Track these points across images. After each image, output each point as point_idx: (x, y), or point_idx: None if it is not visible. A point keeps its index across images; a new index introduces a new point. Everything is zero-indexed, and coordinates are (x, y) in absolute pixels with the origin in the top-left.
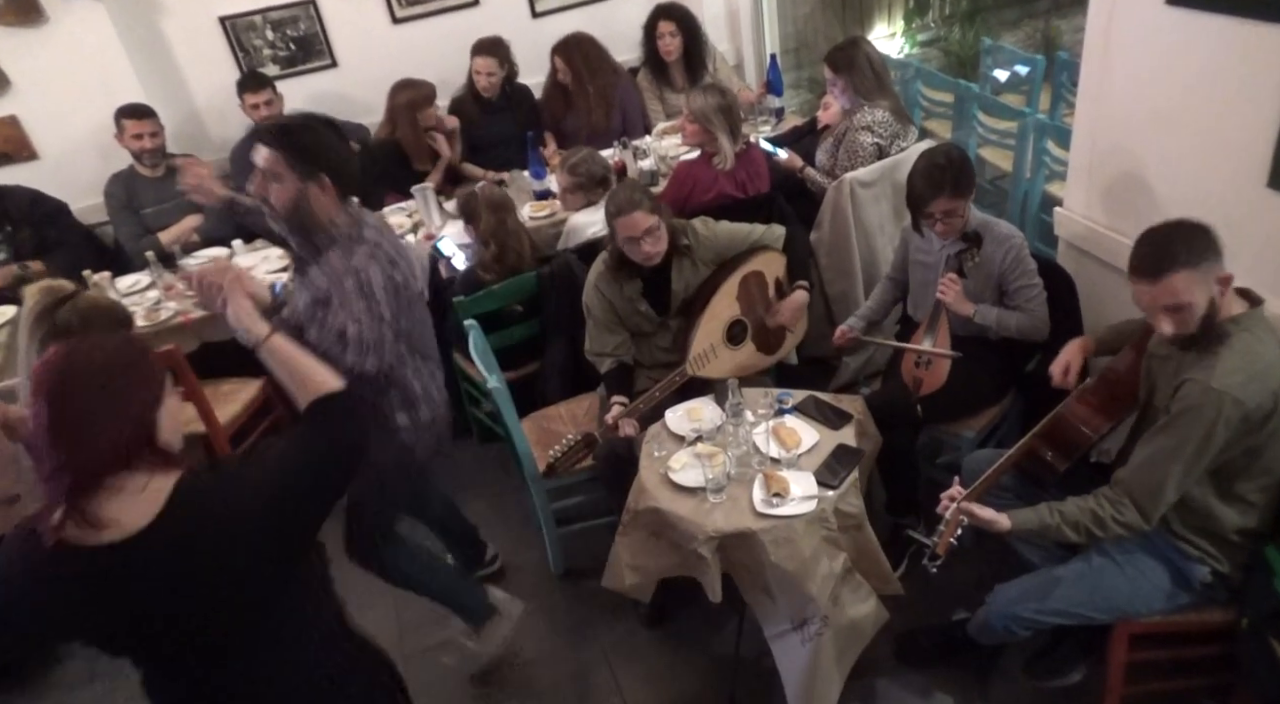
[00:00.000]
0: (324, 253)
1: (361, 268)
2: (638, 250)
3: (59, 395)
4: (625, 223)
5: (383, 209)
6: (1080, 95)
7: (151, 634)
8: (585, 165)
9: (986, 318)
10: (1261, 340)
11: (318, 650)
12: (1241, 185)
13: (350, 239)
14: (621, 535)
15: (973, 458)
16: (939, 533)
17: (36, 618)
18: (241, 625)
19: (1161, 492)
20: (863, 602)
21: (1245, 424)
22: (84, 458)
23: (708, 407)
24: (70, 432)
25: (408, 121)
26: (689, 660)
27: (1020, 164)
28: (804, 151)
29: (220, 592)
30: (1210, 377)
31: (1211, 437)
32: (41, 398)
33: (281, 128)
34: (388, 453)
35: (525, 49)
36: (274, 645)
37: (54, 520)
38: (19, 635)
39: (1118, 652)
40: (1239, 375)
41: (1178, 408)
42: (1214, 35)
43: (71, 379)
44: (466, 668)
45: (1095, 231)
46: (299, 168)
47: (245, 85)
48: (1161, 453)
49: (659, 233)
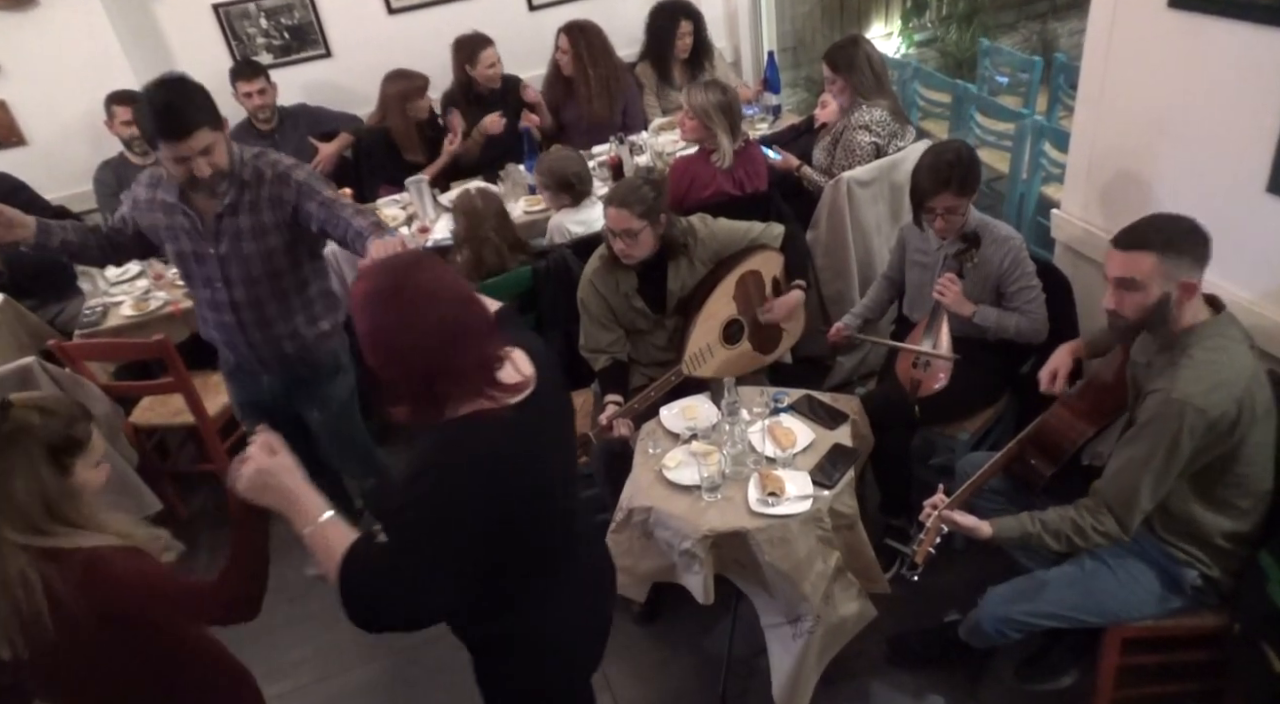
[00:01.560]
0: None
1: None
2: (613, 242)
3: (451, 309)
4: (609, 213)
5: (376, 201)
6: (1080, 98)
7: (550, 494)
8: (556, 165)
9: (986, 319)
10: (1225, 348)
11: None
12: (1241, 190)
13: None
14: (614, 533)
15: (967, 460)
16: (918, 541)
17: (529, 471)
18: (576, 495)
19: (1135, 501)
20: (852, 600)
21: (1212, 432)
22: (487, 341)
23: (703, 405)
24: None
25: (398, 112)
26: (680, 658)
27: (1017, 166)
28: (801, 150)
29: (570, 451)
30: (1172, 387)
31: (1178, 446)
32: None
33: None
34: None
35: (523, 41)
36: (591, 542)
37: (494, 396)
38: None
39: (1109, 655)
40: (1201, 385)
41: (1143, 418)
42: (1216, 39)
43: (437, 300)
44: (456, 665)
45: (1093, 234)
46: None
47: (238, 73)
48: (1132, 464)
49: (640, 238)
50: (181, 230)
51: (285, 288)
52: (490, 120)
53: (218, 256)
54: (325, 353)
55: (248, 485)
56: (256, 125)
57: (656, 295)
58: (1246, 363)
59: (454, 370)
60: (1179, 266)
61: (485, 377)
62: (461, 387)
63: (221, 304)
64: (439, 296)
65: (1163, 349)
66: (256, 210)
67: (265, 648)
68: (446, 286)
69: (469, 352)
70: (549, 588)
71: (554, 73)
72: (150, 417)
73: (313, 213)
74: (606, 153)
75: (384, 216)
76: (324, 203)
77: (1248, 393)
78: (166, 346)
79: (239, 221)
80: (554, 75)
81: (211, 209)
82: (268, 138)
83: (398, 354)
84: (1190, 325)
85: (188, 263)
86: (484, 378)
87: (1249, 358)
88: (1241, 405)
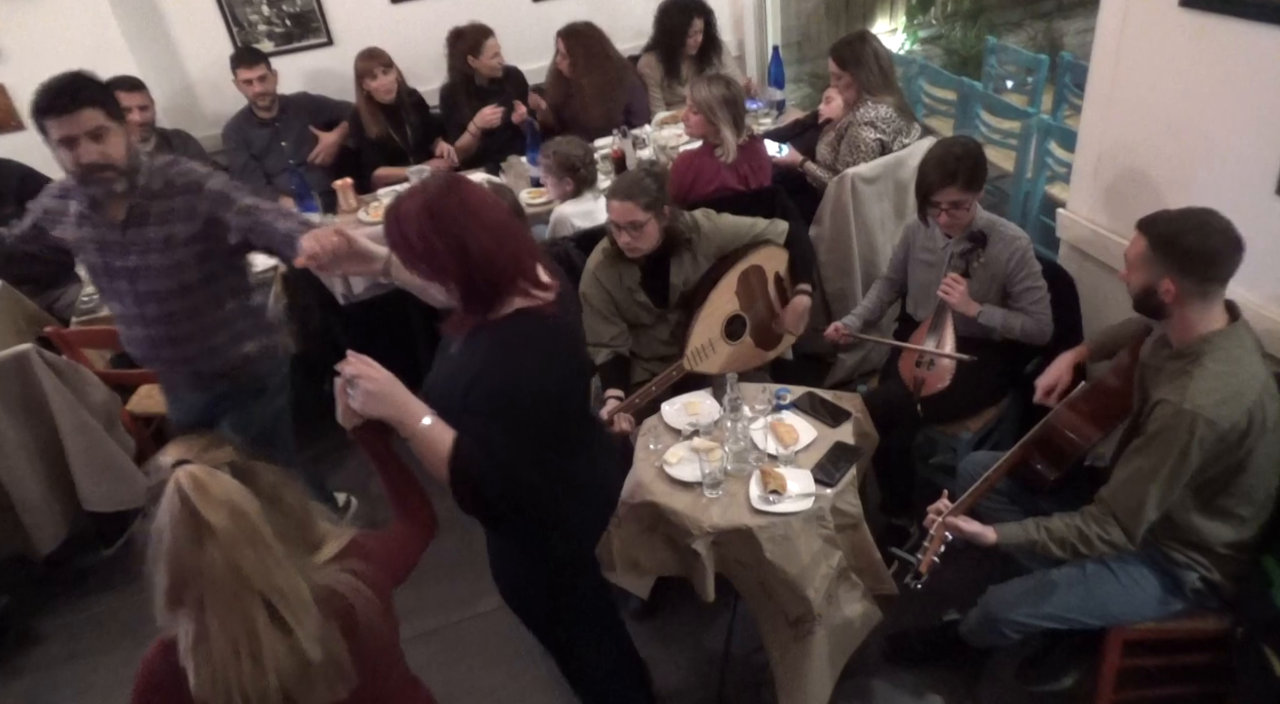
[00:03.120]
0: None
1: None
2: (618, 236)
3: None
4: (613, 206)
5: (376, 191)
6: (1088, 97)
7: (585, 373)
8: (561, 149)
9: (992, 319)
10: (1237, 358)
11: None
12: (1249, 192)
13: None
14: (615, 527)
15: (970, 460)
16: (923, 550)
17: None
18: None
19: (1141, 511)
20: (857, 601)
21: (1221, 444)
22: (528, 240)
23: (705, 401)
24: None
25: (360, 90)
26: (679, 655)
27: (1022, 164)
28: (805, 146)
29: (582, 341)
30: (1183, 398)
31: (1186, 457)
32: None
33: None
34: None
35: (527, 34)
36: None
37: (534, 294)
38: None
39: (1110, 657)
40: (1212, 396)
41: (1152, 429)
42: (1226, 39)
43: (487, 205)
44: (454, 654)
45: (1098, 234)
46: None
47: (239, 60)
48: (1139, 474)
49: (645, 230)
50: (89, 242)
51: (198, 304)
52: (485, 114)
53: (127, 269)
54: (248, 376)
55: (363, 401)
56: (257, 113)
57: (659, 289)
58: (1258, 373)
59: (509, 264)
60: (1161, 265)
61: (532, 272)
62: (514, 282)
63: (133, 319)
64: (487, 201)
65: (1174, 356)
66: (166, 222)
67: None
68: (488, 196)
69: (521, 246)
70: (583, 455)
71: (555, 71)
72: (148, 405)
73: (230, 223)
74: (610, 146)
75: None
76: (243, 210)
77: (1258, 404)
78: None
79: (147, 233)
80: (556, 74)
81: (118, 217)
82: (268, 126)
83: (459, 252)
84: (1202, 334)
85: (99, 277)
86: (532, 272)
87: (1261, 367)
88: (1252, 417)
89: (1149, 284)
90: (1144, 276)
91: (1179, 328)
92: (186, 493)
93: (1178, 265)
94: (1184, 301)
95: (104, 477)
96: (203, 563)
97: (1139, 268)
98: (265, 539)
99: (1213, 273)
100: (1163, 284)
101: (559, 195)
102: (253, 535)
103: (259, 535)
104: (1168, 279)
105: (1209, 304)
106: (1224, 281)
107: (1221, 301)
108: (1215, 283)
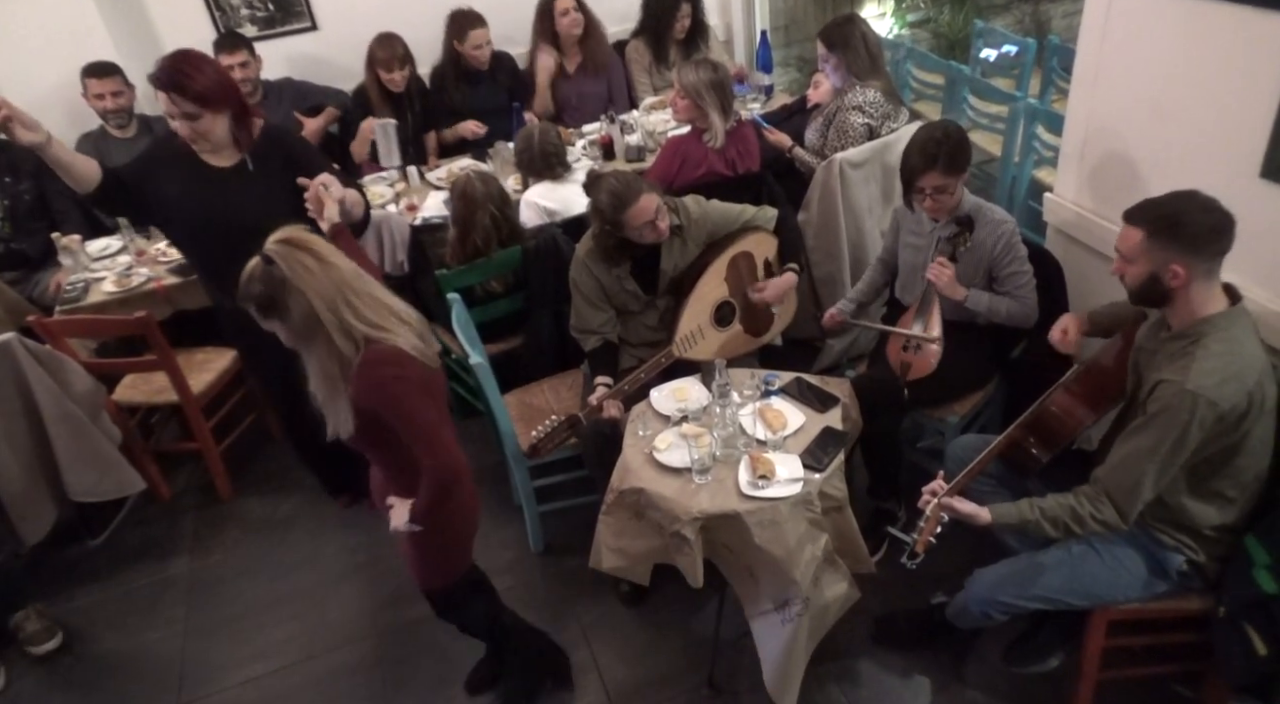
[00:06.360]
0: None
1: None
2: (653, 230)
3: None
4: (637, 211)
5: (362, 178)
6: (1075, 80)
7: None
8: (526, 144)
9: (978, 303)
10: (1238, 339)
11: None
12: (1234, 175)
13: None
14: (605, 515)
15: (957, 444)
16: (918, 530)
17: None
18: None
19: (1137, 491)
20: (838, 582)
21: (1220, 425)
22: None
23: (694, 387)
24: None
25: (370, 73)
26: (668, 640)
27: (1010, 149)
28: (793, 130)
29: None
30: (1185, 378)
31: (1186, 438)
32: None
33: None
34: None
35: (516, 18)
36: None
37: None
38: None
39: (1095, 637)
40: (1214, 377)
41: (1153, 409)
42: (1213, 22)
43: None
44: (443, 643)
45: (1085, 218)
46: None
47: (221, 45)
48: (1137, 453)
49: (664, 207)
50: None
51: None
52: (468, 128)
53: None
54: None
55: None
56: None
57: (649, 276)
58: (1258, 355)
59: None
60: (1167, 250)
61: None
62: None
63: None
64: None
65: (1174, 337)
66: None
67: (251, 626)
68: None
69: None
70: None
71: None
72: (133, 395)
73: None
74: (597, 132)
75: (371, 194)
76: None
77: (1258, 386)
78: (149, 323)
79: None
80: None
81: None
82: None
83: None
84: (1205, 315)
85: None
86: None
87: (1259, 350)
88: (1252, 399)
89: (1152, 272)
90: (1145, 266)
91: (1181, 312)
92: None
93: (1188, 246)
94: (1190, 284)
95: (90, 467)
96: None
97: (1138, 259)
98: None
99: (1218, 248)
100: (1169, 269)
101: (524, 181)
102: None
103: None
104: (1175, 263)
105: (1212, 283)
106: (1223, 257)
107: (1220, 282)
108: (1219, 259)
